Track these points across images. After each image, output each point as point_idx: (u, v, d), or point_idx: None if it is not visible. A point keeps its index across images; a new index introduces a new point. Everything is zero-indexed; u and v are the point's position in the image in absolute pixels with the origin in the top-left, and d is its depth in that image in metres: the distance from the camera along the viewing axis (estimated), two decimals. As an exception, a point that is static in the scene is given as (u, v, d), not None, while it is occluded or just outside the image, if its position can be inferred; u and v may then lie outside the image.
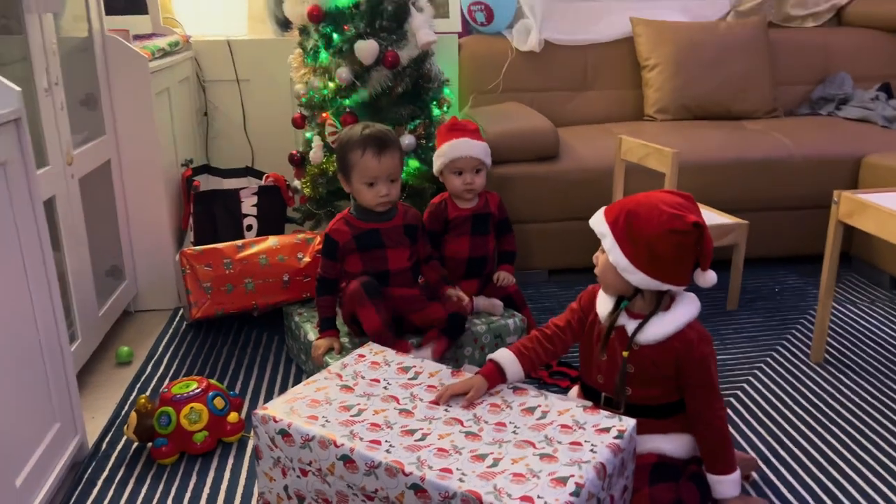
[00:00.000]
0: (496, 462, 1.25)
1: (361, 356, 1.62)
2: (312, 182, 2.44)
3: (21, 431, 1.43)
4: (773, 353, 2.17)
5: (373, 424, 1.36)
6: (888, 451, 1.70)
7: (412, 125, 2.39)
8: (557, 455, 1.26)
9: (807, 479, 1.60)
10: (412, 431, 1.34)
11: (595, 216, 1.43)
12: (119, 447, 1.75)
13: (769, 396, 1.94)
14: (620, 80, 3.28)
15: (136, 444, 1.75)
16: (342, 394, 1.48)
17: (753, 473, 1.62)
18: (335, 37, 2.32)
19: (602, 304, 1.47)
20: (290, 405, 1.43)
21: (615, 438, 1.31)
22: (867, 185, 2.63)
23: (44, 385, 1.55)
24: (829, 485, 1.59)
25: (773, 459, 1.68)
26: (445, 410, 1.42)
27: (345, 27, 2.31)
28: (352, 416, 1.39)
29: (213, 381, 1.79)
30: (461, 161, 2.02)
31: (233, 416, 1.75)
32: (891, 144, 2.74)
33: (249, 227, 2.55)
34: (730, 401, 1.91)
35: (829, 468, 1.64)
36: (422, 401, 1.45)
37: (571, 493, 1.17)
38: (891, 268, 2.58)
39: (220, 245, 2.22)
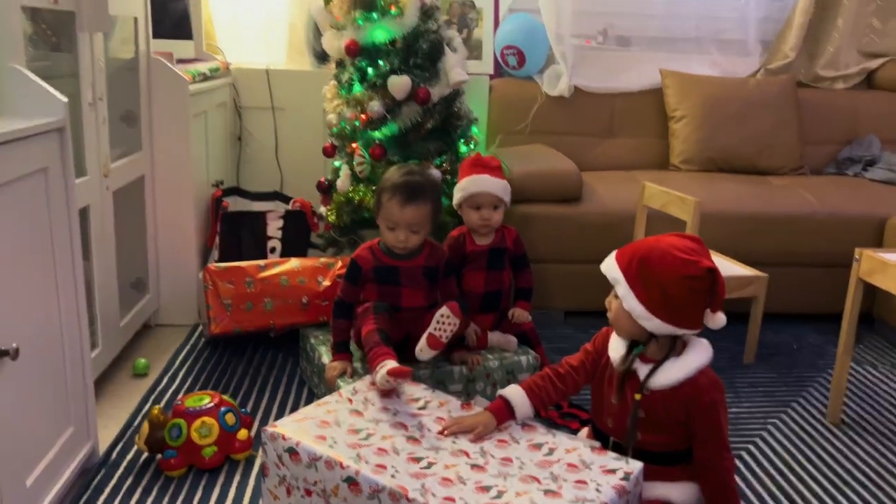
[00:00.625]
0: (500, 494, 1.25)
1: (373, 384, 1.64)
2: (338, 210, 2.49)
3: (36, 431, 1.46)
4: (789, 410, 2.15)
5: (380, 449, 1.37)
6: (901, 517, 1.67)
7: (439, 160, 2.44)
8: (562, 492, 1.26)
9: (816, 539, 1.58)
10: (418, 459, 1.35)
11: (606, 261, 1.43)
12: (129, 456, 1.77)
13: (782, 453, 1.91)
14: (647, 129, 3.32)
15: (146, 455, 1.77)
16: (351, 417, 1.49)
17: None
18: (370, 71, 2.39)
19: (614, 348, 1.47)
20: (300, 424, 1.44)
21: (621, 480, 1.31)
22: (891, 246, 2.61)
23: (62, 388, 1.59)
24: (839, 546, 1.56)
25: (783, 516, 1.65)
26: (453, 442, 1.42)
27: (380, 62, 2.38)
28: (360, 440, 1.40)
29: (226, 397, 1.81)
30: (479, 196, 2.06)
31: (242, 434, 1.77)
32: (916, 207, 2.73)
33: (273, 250, 2.60)
34: (741, 455, 1.89)
35: (840, 529, 1.61)
36: (430, 430, 1.46)
37: (573, 531, 1.16)
38: (913, 331, 2.56)
39: (244, 263, 2.27)
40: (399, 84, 2.32)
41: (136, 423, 1.92)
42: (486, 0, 3.26)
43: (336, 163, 2.57)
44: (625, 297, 1.37)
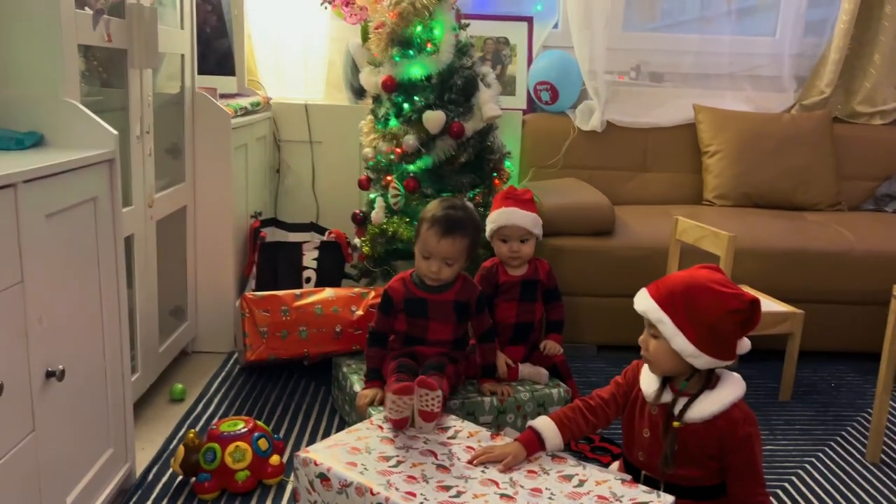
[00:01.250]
0: (528, 524, 1.25)
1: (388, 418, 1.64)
2: (372, 241, 2.53)
3: (77, 451, 1.51)
4: (826, 449, 2.10)
5: (409, 477, 1.38)
6: (945, 562, 1.61)
7: (472, 193, 2.48)
8: (591, 524, 1.26)
9: (854, 582, 1.53)
10: (447, 487, 1.36)
11: (641, 299, 1.42)
12: (164, 479, 1.81)
13: (819, 492, 1.87)
14: (680, 164, 3.32)
15: (181, 478, 1.80)
16: (382, 444, 1.51)
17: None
18: (406, 106, 2.45)
19: (647, 382, 1.47)
20: (331, 450, 1.47)
21: (651, 513, 1.30)
22: (932, 285, 2.56)
23: (103, 410, 1.64)
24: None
25: (820, 558, 1.61)
26: (482, 471, 1.43)
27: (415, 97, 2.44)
28: (390, 467, 1.42)
29: (260, 423, 1.85)
30: (508, 229, 2.08)
31: (275, 459, 1.79)
32: (958, 245, 2.68)
33: (308, 280, 2.65)
34: (777, 493, 1.85)
35: (880, 573, 1.57)
36: (459, 459, 1.47)
37: (602, 563, 1.16)
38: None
39: (280, 292, 2.32)
40: (434, 119, 2.37)
41: (172, 447, 1.96)
42: (520, 37, 3.33)
43: (371, 195, 2.62)
44: (672, 338, 1.36)
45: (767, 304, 2.40)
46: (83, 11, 1.68)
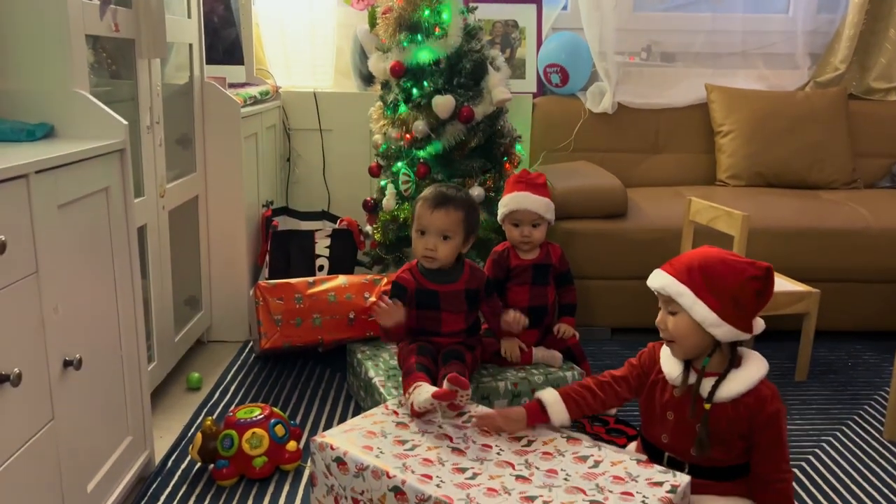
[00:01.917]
0: (545, 505, 1.25)
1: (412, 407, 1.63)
2: (383, 228, 2.53)
3: (97, 439, 1.52)
4: (843, 428, 2.09)
5: (425, 460, 1.39)
6: (966, 539, 1.60)
7: (483, 178, 2.47)
8: (608, 503, 1.26)
9: (874, 560, 1.53)
10: (463, 469, 1.36)
11: (656, 278, 1.42)
12: (183, 466, 1.83)
13: (836, 471, 1.86)
14: (692, 145, 3.29)
15: (199, 465, 1.82)
16: (397, 429, 1.51)
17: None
18: (415, 91, 2.44)
19: (670, 365, 1.45)
20: (347, 435, 1.47)
21: (668, 493, 1.30)
22: (950, 262, 2.53)
23: (121, 400, 1.65)
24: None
25: (838, 536, 1.61)
26: (498, 454, 1.43)
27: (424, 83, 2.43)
28: (405, 451, 1.42)
29: (276, 409, 1.86)
30: (519, 213, 2.07)
31: (291, 445, 1.80)
32: (977, 221, 2.64)
33: (321, 268, 2.66)
34: (795, 473, 1.84)
35: (899, 550, 1.56)
36: (474, 442, 1.47)
37: (619, 543, 1.16)
38: (976, 349, 2.46)
39: (293, 280, 2.32)
40: (443, 104, 2.36)
41: (190, 435, 1.98)
42: (529, 19, 3.30)
43: (382, 182, 2.62)
44: (692, 308, 1.35)
45: (783, 284, 2.38)
46: (90, 2, 1.68)
